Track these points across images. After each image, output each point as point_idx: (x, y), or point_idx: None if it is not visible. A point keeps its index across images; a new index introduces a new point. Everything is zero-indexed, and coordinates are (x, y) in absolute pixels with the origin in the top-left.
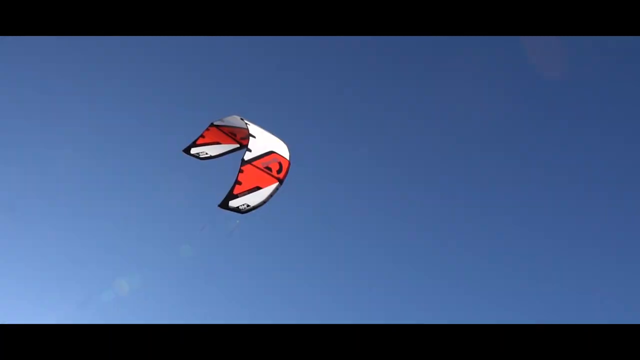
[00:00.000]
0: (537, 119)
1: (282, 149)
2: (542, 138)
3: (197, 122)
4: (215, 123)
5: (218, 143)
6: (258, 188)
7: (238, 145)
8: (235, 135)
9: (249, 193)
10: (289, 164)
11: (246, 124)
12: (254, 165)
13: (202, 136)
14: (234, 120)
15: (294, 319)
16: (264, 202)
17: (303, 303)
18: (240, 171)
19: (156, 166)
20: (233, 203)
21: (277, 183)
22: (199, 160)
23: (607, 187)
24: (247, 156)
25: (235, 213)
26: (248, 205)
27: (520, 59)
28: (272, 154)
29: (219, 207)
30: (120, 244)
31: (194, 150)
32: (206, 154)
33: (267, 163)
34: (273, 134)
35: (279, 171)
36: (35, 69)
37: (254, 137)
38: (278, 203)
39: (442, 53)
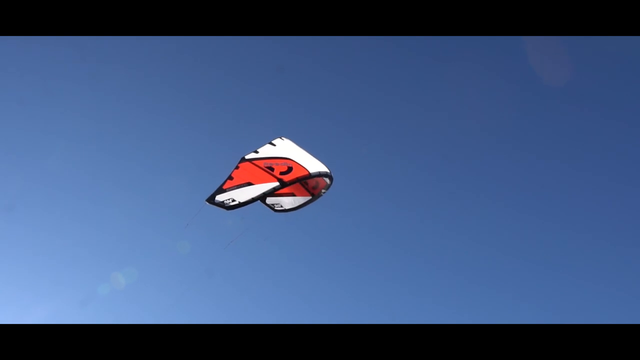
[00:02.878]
0: (543, 121)
1: (307, 162)
2: (544, 140)
3: (197, 120)
4: (247, 157)
5: (249, 184)
6: (249, 184)
7: (277, 184)
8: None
9: (238, 188)
10: (308, 175)
11: (282, 139)
12: (254, 164)
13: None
14: (271, 149)
15: (295, 318)
16: (253, 200)
17: (305, 302)
18: (236, 167)
19: (156, 164)
20: (220, 197)
21: (276, 183)
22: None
23: (610, 187)
24: (250, 155)
25: (221, 208)
26: (234, 200)
27: (525, 64)
28: (286, 159)
29: (205, 202)
30: (118, 240)
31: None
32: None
33: (271, 164)
34: (315, 157)
35: (283, 173)
36: (35, 68)
37: (273, 145)
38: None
39: (447, 54)
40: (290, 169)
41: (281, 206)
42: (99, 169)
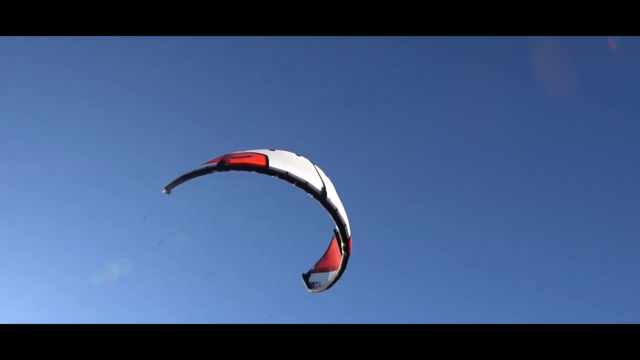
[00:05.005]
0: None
1: (282, 162)
2: (546, 143)
3: (198, 119)
4: (229, 153)
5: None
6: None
7: (215, 164)
8: (230, 155)
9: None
10: (263, 169)
11: (297, 154)
12: (228, 155)
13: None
14: (263, 150)
15: (295, 318)
16: (184, 177)
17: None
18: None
19: (157, 163)
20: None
21: (214, 164)
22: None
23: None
24: (232, 151)
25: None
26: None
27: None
28: (260, 154)
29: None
30: (115, 233)
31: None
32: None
33: (240, 156)
34: (316, 166)
35: (233, 158)
36: (35, 69)
37: (272, 150)
38: (281, 202)
39: (454, 56)
40: (247, 157)
41: (319, 284)
42: (97, 167)
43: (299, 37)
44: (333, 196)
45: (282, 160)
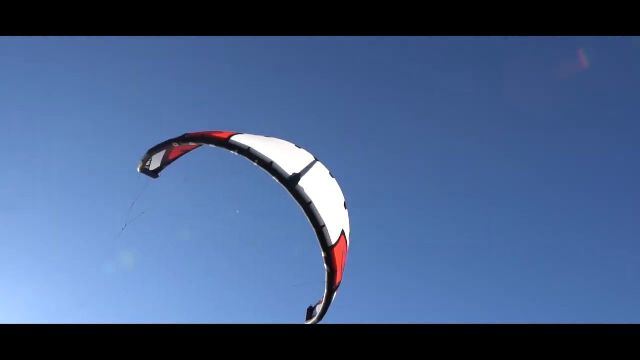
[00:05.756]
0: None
1: (250, 140)
2: (546, 141)
3: (198, 118)
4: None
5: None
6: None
7: (179, 136)
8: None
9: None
10: (222, 142)
11: (297, 146)
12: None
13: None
14: (256, 135)
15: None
16: (150, 151)
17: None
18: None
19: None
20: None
21: (178, 137)
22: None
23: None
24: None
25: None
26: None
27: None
28: (231, 133)
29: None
30: (114, 228)
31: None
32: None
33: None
34: (288, 155)
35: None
36: (35, 69)
37: (267, 137)
38: (279, 202)
39: (454, 55)
40: (216, 132)
41: (317, 314)
42: (98, 166)
43: (299, 37)
44: (315, 192)
45: (260, 140)
